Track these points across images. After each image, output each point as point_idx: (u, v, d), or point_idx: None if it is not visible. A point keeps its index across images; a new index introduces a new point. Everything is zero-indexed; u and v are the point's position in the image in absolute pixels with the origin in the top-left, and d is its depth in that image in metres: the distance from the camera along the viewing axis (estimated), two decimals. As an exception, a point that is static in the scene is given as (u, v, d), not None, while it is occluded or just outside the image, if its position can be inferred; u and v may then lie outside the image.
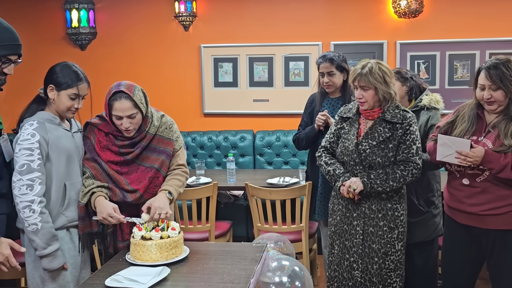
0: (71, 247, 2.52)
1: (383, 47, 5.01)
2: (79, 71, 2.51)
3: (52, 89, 2.45)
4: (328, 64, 3.39)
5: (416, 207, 3.05)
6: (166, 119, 2.67)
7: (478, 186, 2.55)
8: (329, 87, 3.44)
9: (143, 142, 2.56)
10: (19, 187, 2.33)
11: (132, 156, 2.54)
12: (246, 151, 5.12)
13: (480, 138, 2.56)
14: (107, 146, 2.55)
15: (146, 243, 2.27)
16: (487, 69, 2.49)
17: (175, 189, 2.56)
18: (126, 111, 2.45)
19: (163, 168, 2.60)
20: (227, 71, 5.27)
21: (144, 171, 2.56)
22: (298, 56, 5.14)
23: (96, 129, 2.58)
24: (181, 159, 2.69)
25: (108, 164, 2.54)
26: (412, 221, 3.03)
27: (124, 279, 2.11)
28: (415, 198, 3.06)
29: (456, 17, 4.90)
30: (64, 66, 2.49)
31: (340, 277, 2.93)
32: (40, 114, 2.48)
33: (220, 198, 4.54)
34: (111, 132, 2.56)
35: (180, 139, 2.71)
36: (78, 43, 5.35)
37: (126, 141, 2.55)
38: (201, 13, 5.24)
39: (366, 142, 2.80)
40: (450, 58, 4.95)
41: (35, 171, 2.35)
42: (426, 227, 3.10)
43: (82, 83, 2.48)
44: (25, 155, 2.35)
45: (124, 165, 2.55)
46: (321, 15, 5.09)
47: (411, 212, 3.02)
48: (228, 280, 2.14)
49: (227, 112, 5.32)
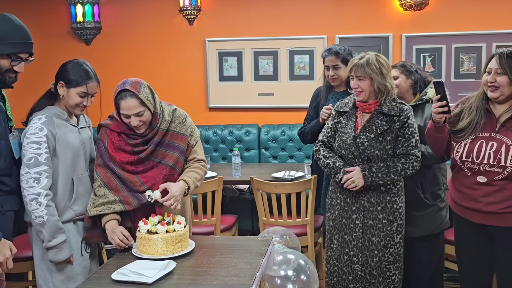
0: (78, 240, 2.54)
1: (388, 40, 4.98)
2: (90, 69, 2.51)
3: (62, 85, 2.47)
4: (333, 58, 3.38)
5: (422, 201, 3.04)
6: (179, 113, 2.63)
7: (496, 184, 2.46)
8: (334, 80, 3.44)
9: (155, 138, 2.52)
10: (26, 180, 2.35)
11: (145, 154, 2.51)
12: (251, 145, 5.12)
13: (493, 134, 2.48)
14: (120, 146, 2.52)
15: (152, 237, 2.28)
16: (500, 54, 2.44)
17: (193, 182, 2.52)
18: (133, 109, 2.43)
19: (178, 166, 2.56)
20: (232, 65, 5.26)
21: (159, 168, 2.52)
22: (303, 49, 5.13)
23: (108, 130, 2.55)
24: (199, 154, 2.66)
25: (122, 165, 2.50)
26: (417, 214, 3.02)
27: (130, 273, 2.12)
28: (421, 192, 3.04)
29: (462, 10, 4.87)
30: (75, 64, 2.50)
31: (340, 271, 2.92)
32: (49, 109, 2.49)
33: (225, 192, 4.55)
34: (123, 131, 2.53)
35: (196, 133, 2.65)
36: (83, 37, 5.35)
37: (139, 139, 2.51)
38: (205, 7, 5.23)
39: (364, 135, 2.80)
40: (456, 51, 4.92)
41: (42, 164, 2.37)
42: (433, 220, 3.08)
43: (91, 82, 2.49)
44: (33, 148, 2.37)
45: (140, 164, 2.52)
46: (326, 9, 5.07)
47: (417, 206, 3.02)
48: (233, 274, 2.14)
49: (232, 106, 5.32)
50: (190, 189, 2.51)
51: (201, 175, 2.62)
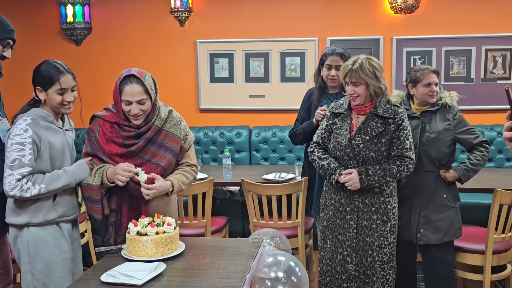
0: (61, 242, 2.51)
1: (379, 42, 5.01)
2: (60, 65, 2.49)
3: (40, 90, 2.46)
4: (337, 58, 3.36)
5: (444, 202, 3.08)
6: (175, 114, 2.62)
7: None
8: (334, 81, 3.41)
9: (148, 134, 2.51)
10: (9, 182, 2.33)
11: (136, 148, 2.49)
12: (242, 146, 5.11)
13: None
14: (111, 138, 2.51)
15: (142, 238, 2.27)
16: None
17: (178, 185, 2.52)
18: (136, 96, 2.42)
19: (170, 168, 2.57)
20: (223, 66, 5.26)
21: (148, 166, 2.50)
22: (294, 51, 5.14)
23: (101, 120, 2.54)
24: (192, 159, 2.66)
25: (111, 156, 2.50)
26: (437, 218, 3.05)
27: (119, 275, 2.10)
28: (443, 192, 3.09)
29: (453, 13, 4.90)
30: (45, 65, 2.48)
31: (333, 271, 2.94)
32: (35, 111, 2.47)
33: (216, 193, 4.54)
34: (118, 122, 2.50)
35: (190, 137, 2.65)
36: (73, 38, 5.32)
37: (131, 131, 2.50)
38: (197, 8, 5.23)
39: (359, 137, 2.81)
40: (446, 54, 4.95)
41: (26, 166, 2.35)
42: (452, 224, 3.10)
43: (64, 76, 2.46)
44: (17, 149, 2.35)
45: (129, 158, 2.50)
46: (317, 11, 5.09)
47: (437, 207, 3.06)
48: (224, 276, 2.13)
49: (223, 107, 5.32)
50: (173, 191, 2.52)
51: (190, 180, 2.62)
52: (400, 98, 3.23)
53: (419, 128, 3.09)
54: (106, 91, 5.38)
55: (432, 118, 3.11)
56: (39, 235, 2.44)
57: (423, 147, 3.06)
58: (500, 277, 3.44)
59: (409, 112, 3.10)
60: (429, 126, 3.09)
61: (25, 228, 2.44)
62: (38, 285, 2.44)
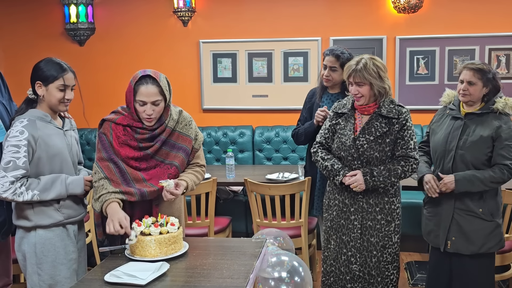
0: (67, 243, 2.52)
1: (382, 42, 5.00)
2: (62, 62, 2.50)
3: (40, 85, 2.45)
4: (333, 59, 3.37)
5: (478, 215, 2.86)
6: (185, 114, 2.63)
7: None
8: (328, 81, 3.43)
9: (162, 135, 2.50)
10: (2, 184, 2.33)
11: (152, 151, 2.48)
12: (245, 146, 5.12)
13: None
14: (125, 141, 2.48)
15: (145, 238, 2.27)
16: None
17: (191, 186, 2.52)
18: (152, 96, 2.41)
19: (182, 167, 2.56)
20: (226, 66, 5.26)
21: (163, 167, 2.50)
22: (297, 51, 5.13)
23: (113, 124, 2.50)
24: (202, 159, 2.66)
25: (127, 160, 2.47)
26: (472, 229, 2.86)
27: (123, 275, 2.11)
28: (478, 206, 2.86)
29: (456, 13, 4.89)
30: (47, 61, 2.48)
31: (337, 272, 2.94)
32: (32, 112, 2.47)
33: (219, 193, 4.54)
34: (130, 125, 2.48)
35: (200, 137, 2.64)
36: (77, 38, 5.33)
37: (145, 134, 2.48)
38: (200, 8, 5.23)
39: (364, 137, 2.81)
40: (450, 54, 4.94)
41: (20, 168, 2.35)
42: (490, 237, 2.88)
43: (67, 73, 2.47)
44: (12, 151, 2.35)
45: (143, 161, 2.49)
46: (320, 10, 5.08)
47: (472, 220, 2.86)
48: (227, 276, 2.13)
49: (226, 107, 5.32)
50: (186, 192, 2.52)
51: (200, 180, 2.63)
52: (450, 98, 3.06)
53: (460, 130, 2.89)
54: (109, 91, 5.42)
55: (476, 122, 2.87)
56: (46, 237, 2.45)
57: (460, 150, 2.86)
58: (504, 277, 3.43)
59: (453, 113, 2.95)
60: (470, 130, 2.86)
61: (32, 231, 2.45)
62: (44, 286, 2.45)
